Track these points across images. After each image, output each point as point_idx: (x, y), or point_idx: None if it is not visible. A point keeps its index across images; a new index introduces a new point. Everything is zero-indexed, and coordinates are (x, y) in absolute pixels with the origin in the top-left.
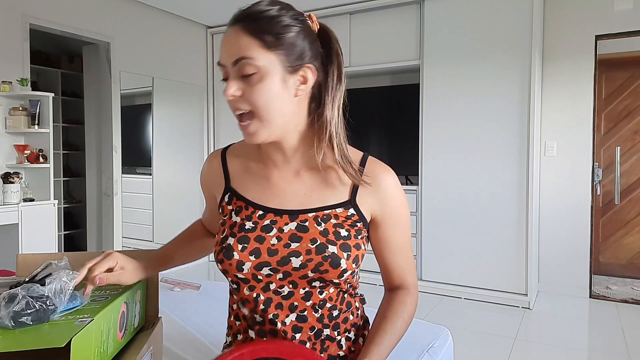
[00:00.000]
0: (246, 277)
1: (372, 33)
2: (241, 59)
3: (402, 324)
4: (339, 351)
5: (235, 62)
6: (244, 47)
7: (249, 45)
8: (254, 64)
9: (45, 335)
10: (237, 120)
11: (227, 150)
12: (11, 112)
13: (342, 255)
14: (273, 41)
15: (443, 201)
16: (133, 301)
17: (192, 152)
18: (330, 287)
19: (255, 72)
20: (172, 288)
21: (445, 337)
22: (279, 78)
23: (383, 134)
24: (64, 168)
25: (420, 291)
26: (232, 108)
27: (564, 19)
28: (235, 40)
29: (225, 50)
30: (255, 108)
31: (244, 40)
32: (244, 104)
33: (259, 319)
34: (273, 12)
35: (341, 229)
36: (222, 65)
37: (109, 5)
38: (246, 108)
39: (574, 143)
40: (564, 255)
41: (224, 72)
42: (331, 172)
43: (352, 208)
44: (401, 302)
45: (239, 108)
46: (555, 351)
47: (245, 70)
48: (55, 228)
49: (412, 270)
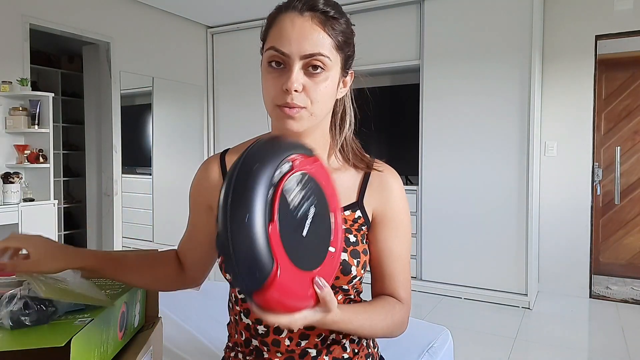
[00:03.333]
0: None
1: (372, 33)
2: (316, 55)
3: (383, 319)
4: (343, 353)
5: (308, 56)
6: (320, 43)
7: (325, 41)
8: (326, 62)
9: (45, 335)
10: (278, 110)
11: (226, 155)
12: (11, 112)
13: (353, 262)
14: (343, 43)
15: (443, 201)
16: (133, 301)
17: (192, 152)
18: (340, 294)
19: (323, 70)
20: None
21: (445, 337)
22: (337, 79)
23: (383, 134)
24: (64, 168)
25: (420, 291)
26: (287, 102)
27: (564, 19)
28: (311, 32)
29: (296, 41)
30: (312, 104)
31: (321, 35)
32: (303, 100)
33: (262, 330)
34: (341, 11)
35: (350, 234)
36: (284, 55)
37: (109, 5)
38: (304, 104)
39: (574, 143)
40: (564, 255)
41: (283, 61)
42: (339, 174)
43: (359, 210)
44: (389, 302)
45: (296, 104)
46: (555, 351)
47: (315, 65)
48: (55, 228)
49: (407, 285)
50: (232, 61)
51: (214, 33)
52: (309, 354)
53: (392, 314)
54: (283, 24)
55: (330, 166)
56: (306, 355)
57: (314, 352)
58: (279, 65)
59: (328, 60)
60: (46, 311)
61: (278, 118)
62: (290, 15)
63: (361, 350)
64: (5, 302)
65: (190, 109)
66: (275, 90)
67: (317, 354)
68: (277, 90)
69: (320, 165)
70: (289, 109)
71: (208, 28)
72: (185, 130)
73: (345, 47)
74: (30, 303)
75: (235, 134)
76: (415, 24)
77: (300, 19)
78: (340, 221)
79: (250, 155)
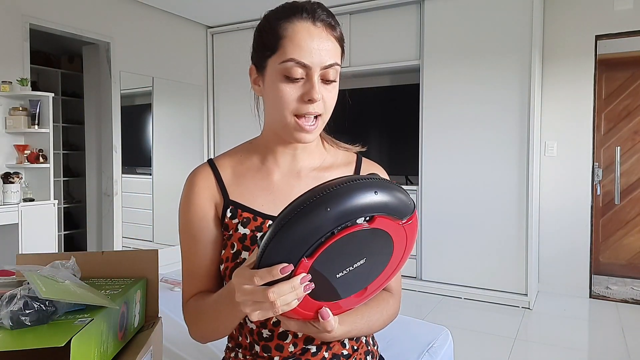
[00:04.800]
0: None
1: (372, 33)
2: (334, 65)
3: (379, 318)
4: (343, 350)
5: (327, 67)
6: (335, 52)
7: (337, 52)
8: (338, 71)
9: (45, 335)
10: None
11: (216, 163)
12: (11, 112)
13: None
14: (343, 51)
15: (443, 201)
16: (133, 301)
17: (192, 152)
18: None
19: (335, 79)
20: (172, 288)
21: (445, 337)
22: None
23: (383, 134)
24: (64, 168)
25: (420, 291)
26: (309, 112)
27: (564, 19)
28: (327, 43)
29: (317, 52)
30: (326, 112)
31: (334, 46)
32: (320, 108)
33: (266, 334)
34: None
35: None
36: (305, 67)
37: (109, 5)
38: (320, 111)
39: (574, 143)
40: (564, 255)
41: (303, 73)
42: (332, 172)
43: None
44: (383, 299)
45: (317, 112)
46: (555, 351)
47: (331, 76)
48: (55, 228)
49: (398, 277)
50: (232, 61)
51: (214, 33)
52: (309, 350)
53: (386, 309)
54: (300, 35)
55: (324, 163)
56: (306, 352)
57: (314, 348)
58: (296, 76)
59: (340, 68)
60: (46, 311)
61: (294, 130)
62: (304, 25)
63: (360, 347)
64: (5, 302)
65: (190, 109)
66: (293, 100)
67: (317, 350)
68: (297, 100)
69: (410, 227)
70: (309, 125)
71: (208, 28)
72: (185, 130)
73: (343, 55)
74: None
75: (235, 134)
76: (415, 24)
77: (316, 30)
78: (388, 277)
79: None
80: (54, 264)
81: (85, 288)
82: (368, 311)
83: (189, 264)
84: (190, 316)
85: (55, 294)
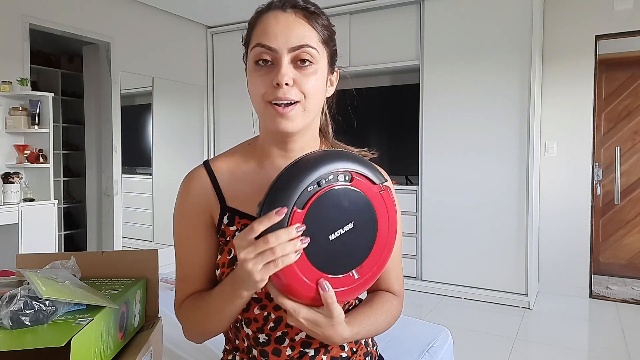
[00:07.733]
0: (259, 296)
1: (372, 33)
2: (304, 46)
3: (384, 319)
4: (342, 352)
5: (296, 48)
6: (306, 35)
7: (311, 35)
8: (314, 55)
9: (45, 335)
10: (271, 108)
11: (212, 166)
12: (11, 112)
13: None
14: (327, 38)
15: (443, 201)
16: (133, 301)
17: (192, 152)
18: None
19: (312, 62)
20: (172, 288)
21: (445, 337)
22: (325, 74)
23: (383, 134)
24: (64, 168)
25: (420, 291)
26: (279, 97)
27: (564, 19)
28: (296, 25)
29: (282, 34)
30: (305, 98)
31: (306, 28)
32: (295, 94)
33: (263, 339)
34: (320, 9)
35: None
36: (271, 50)
37: (109, 5)
38: (296, 98)
39: (574, 143)
40: (564, 255)
41: (270, 57)
42: None
43: None
44: (387, 300)
45: (288, 98)
46: (555, 351)
47: (303, 58)
48: (55, 228)
49: (400, 278)
50: (232, 61)
51: (214, 33)
52: (307, 354)
53: (390, 311)
54: (267, 21)
55: None
56: (304, 356)
57: (312, 352)
58: (266, 62)
59: (315, 52)
60: (46, 311)
61: (270, 117)
62: (273, 13)
63: (360, 349)
64: (5, 302)
65: (190, 109)
66: (264, 86)
67: (315, 354)
68: (267, 86)
69: (387, 196)
70: (283, 107)
71: (208, 28)
72: (185, 130)
73: (330, 42)
74: (30, 303)
75: (235, 134)
76: (415, 24)
77: (284, 15)
78: (382, 257)
79: (311, 155)
80: (54, 264)
81: (85, 288)
82: (374, 312)
83: (183, 269)
84: (185, 312)
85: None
